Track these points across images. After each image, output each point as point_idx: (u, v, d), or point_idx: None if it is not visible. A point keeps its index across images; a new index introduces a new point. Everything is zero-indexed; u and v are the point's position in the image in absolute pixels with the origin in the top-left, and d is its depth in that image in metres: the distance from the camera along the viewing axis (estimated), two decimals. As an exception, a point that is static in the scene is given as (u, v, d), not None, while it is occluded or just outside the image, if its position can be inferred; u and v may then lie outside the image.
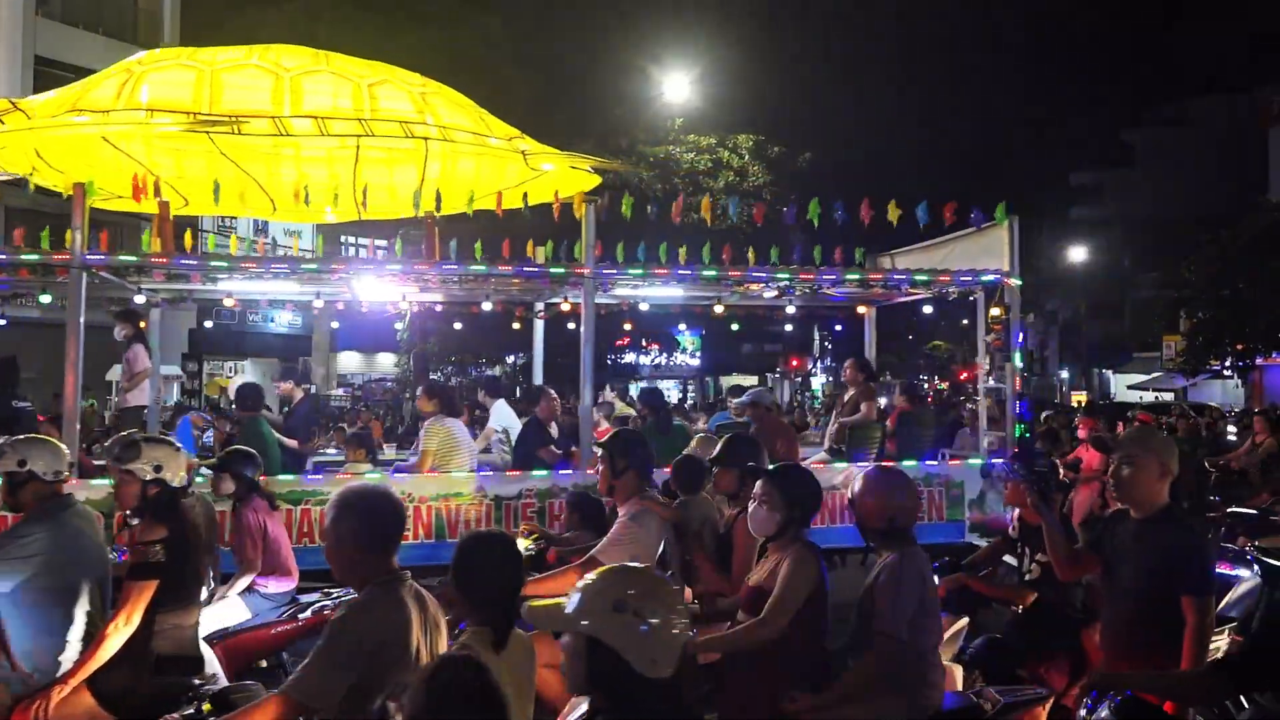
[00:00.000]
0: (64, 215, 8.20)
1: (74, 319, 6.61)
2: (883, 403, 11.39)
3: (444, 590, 3.26)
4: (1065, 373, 50.11)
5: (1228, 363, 30.76)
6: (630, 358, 41.96)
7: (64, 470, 4.25)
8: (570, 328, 11.62)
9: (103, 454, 4.98)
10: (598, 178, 8.83)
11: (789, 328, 30.68)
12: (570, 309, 8.29)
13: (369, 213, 7.66)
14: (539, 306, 9.66)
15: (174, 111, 7.06)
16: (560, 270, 7.48)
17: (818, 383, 45.97)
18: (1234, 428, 18.42)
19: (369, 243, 15.75)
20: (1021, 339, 7.97)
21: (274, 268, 7.04)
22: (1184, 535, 3.60)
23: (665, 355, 45.04)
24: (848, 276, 7.90)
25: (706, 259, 7.78)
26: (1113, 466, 3.77)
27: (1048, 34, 76.40)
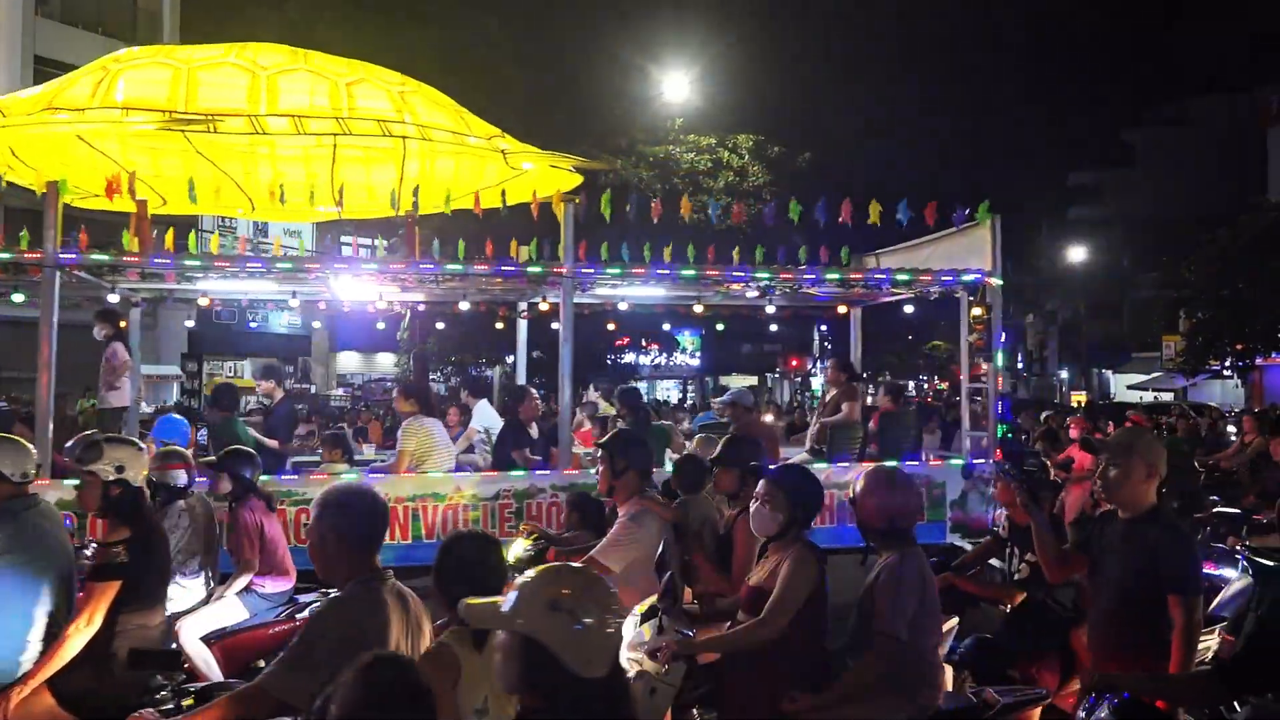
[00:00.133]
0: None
1: (46, 319, 6.59)
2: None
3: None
4: (1065, 373, 50.00)
5: (1227, 363, 30.65)
6: (630, 358, 41.88)
7: (31, 470, 4.22)
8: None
9: (65, 454, 4.97)
10: (579, 177, 8.79)
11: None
12: (549, 309, 8.25)
13: (347, 212, 7.65)
14: (522, 306, 9.61)
15: (149, 110, 7.04)
16: (538, 270, 7.44)
17: (818, 383, 45.89)
18: (1234, 428, 18.34)
19: (369, 242, 15.72)
20: (1003, 339, 7.91)
21: (249, 267, 6.99)
22: (1171, 535, 3.61)
23: (665, 355, 44.99)
24: (827, 276, 7.85)
25: (691, 258, 7.75)
26: (1100, 467, 3.80)
27: (1048, 34, 76.40)
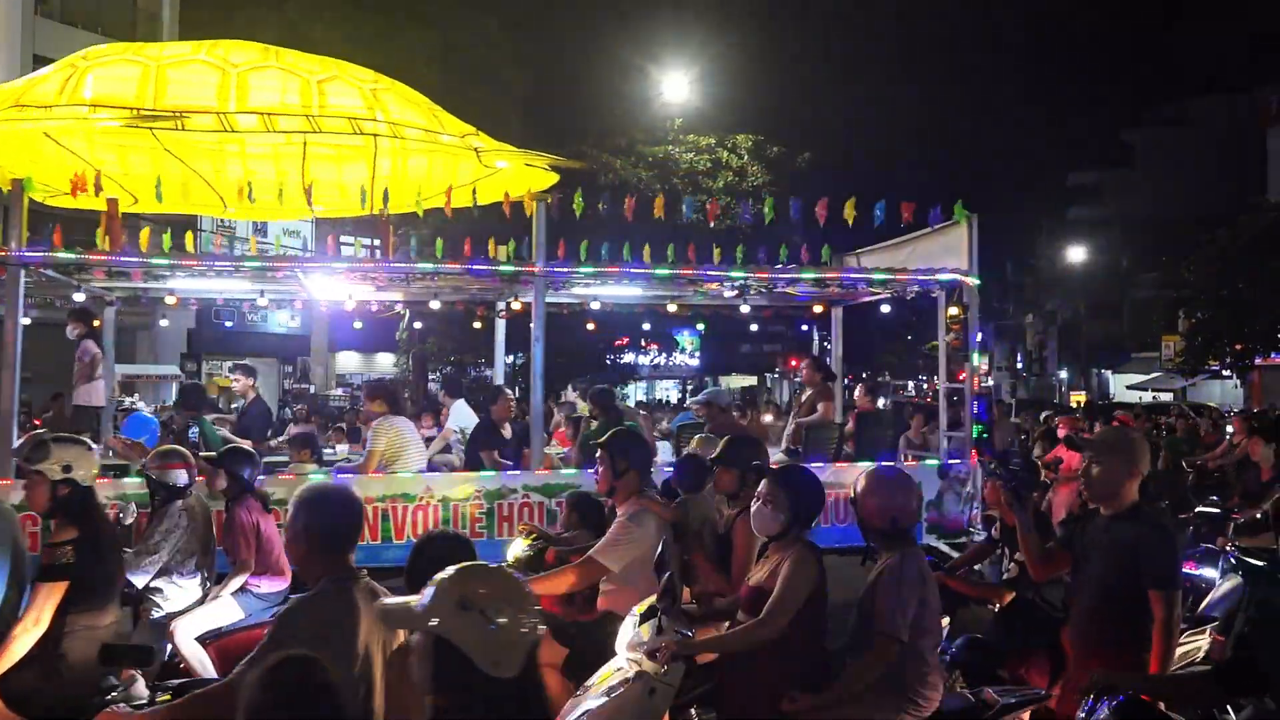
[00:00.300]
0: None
1: (11, 317, 6.54)
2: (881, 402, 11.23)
3: None
4: (1064, 373, 49.92)
5: (1227, 363, 30.57)
6: (630, 358, 41.84)
7: None
8: (568, 328, 11.59)
9: (14, 454, 4.93)
10: (556, 176, 8.74)
11: (781, 327, 30.46)
12: (521, 308, 8.20)
13: (319, 210, 7.59)
14: (500, 306, 9.56)
15: (116, 107, 6.99)
16: (509, 269, 7.38)
17: (815, 383, 45.74)
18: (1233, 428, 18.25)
19: (369, 241, 15.68)
20: (979, 338, 7.85)
21: (217, 265, 6.94)
22: (1152, 531, 3.66)
23: (664, 355, 44.94)
24: (803, 276, 7.80)
25: (671, 258, 7.70)
26: (1083, 465, 3.90)
27: (1048, 34, 76.28)
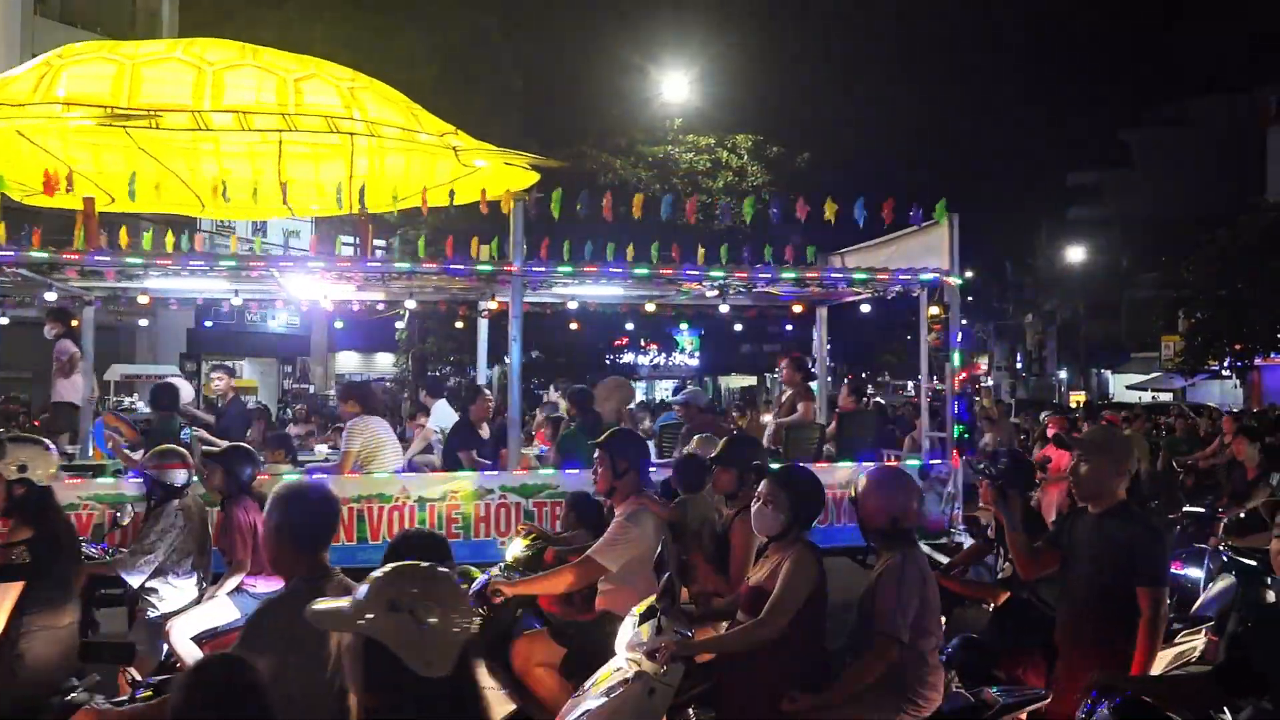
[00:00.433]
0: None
1: (-18, 315, 6.51)
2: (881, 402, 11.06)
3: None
4: (1064, 373, 49.85)
5: (1226, 363, 30.51)
6: (629, 358, 41.79)
7: None
8: (569, 327, 11.57)
9: None
10: (535, 175, 8.69)
11: (790, 326, 30.35)
12: (499, 307, 8.16)
13: (294, 210, 7.55)
14: (482, 306, 9.51)
15: (90, 105, 6.95)
16: (487, 268, 7.33)
17: (815, 384, 45.73)
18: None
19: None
20: (960, 338, 7.79)
21: (191, 264, 6.90)
22: (1138, 529, 3.70)
23: (664, 355, 44.89)
24: (783, 276, 7.75)
25: (655, 258, 7.65)
26: (1072, 464, 3.96)
27: (1048, 34, 76.21)
